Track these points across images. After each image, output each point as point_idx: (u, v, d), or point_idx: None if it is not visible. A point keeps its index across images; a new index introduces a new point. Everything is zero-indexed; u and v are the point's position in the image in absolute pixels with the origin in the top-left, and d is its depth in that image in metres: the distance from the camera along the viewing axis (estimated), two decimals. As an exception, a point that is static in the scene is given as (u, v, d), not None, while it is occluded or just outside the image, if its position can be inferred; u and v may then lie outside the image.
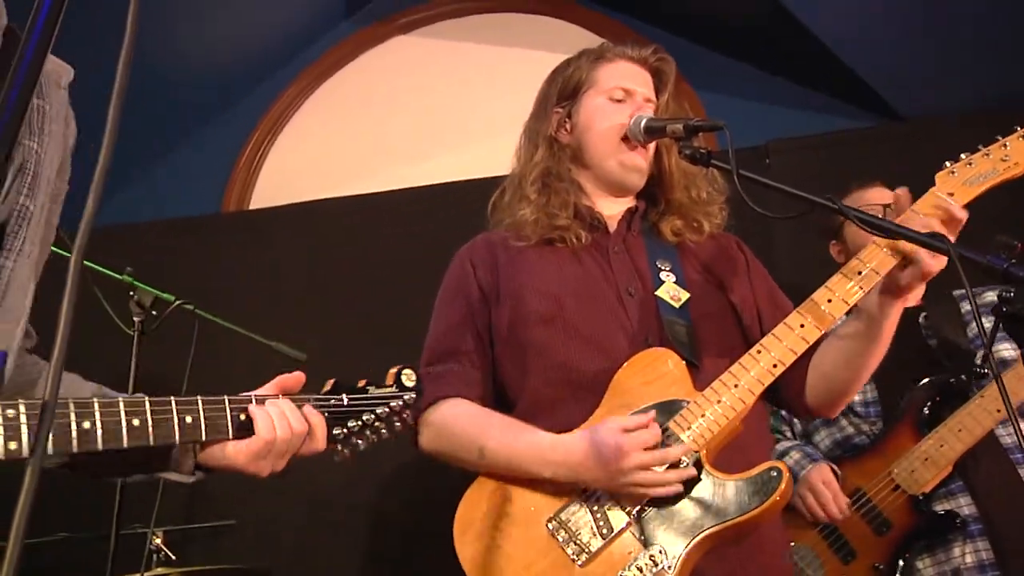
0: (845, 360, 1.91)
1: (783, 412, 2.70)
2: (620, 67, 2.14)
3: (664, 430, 1.79)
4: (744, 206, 1.78)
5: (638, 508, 1.79)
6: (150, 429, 1.29)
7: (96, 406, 1.25)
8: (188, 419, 1.32)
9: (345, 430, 1.49)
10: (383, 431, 1.53)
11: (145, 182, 4.48)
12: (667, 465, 1.77)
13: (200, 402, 1.34)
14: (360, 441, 1.51)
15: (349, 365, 1.52)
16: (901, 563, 2.39)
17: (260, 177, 4.37)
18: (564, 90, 2.17)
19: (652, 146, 2.11)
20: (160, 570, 2.94)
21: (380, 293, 3.79)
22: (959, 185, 1.86)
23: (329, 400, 1.47)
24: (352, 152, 4.28)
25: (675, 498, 1.77)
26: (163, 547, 3.00)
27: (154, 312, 2.93)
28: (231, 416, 1.37)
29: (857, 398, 2.61)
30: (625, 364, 1.89)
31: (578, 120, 2.14)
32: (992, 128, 3.39)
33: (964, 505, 2.39)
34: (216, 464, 1.42)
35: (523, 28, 4.29)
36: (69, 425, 1.22)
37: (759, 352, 1.84)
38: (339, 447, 1.49)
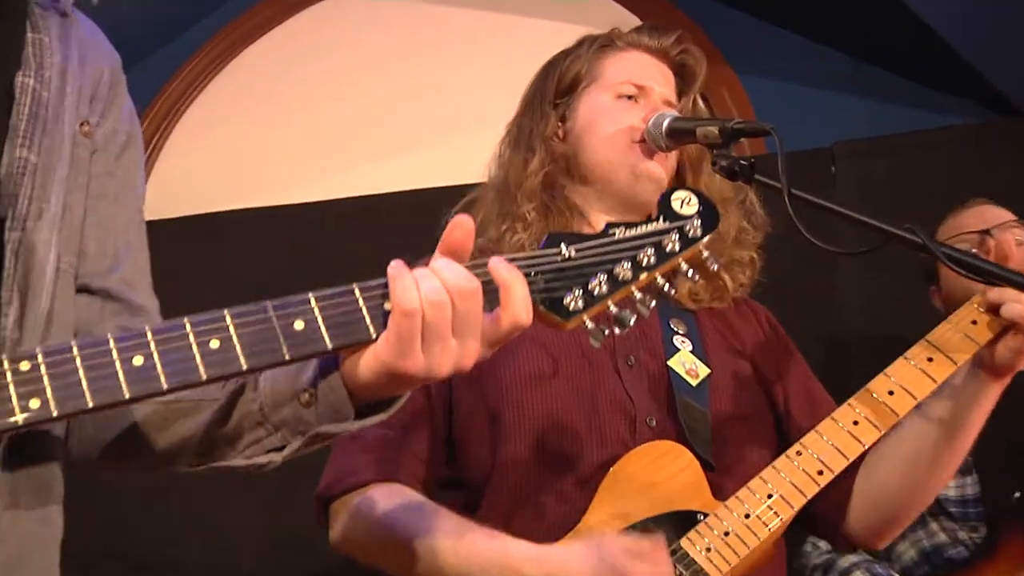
0: (909, 466, 1.74)
1: None
2: (632, 58, 1.99)
3: (674, 551, 1.61)
4: (798, 233, 1.59)
5: None
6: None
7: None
8: (299, 325, 1.01)
9: (582, 293, 1.10)
10: (662, 286, 1.15)
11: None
12: None
13: (312, 298, 1.01)
14: (626, 310, 1.11)
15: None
16: None
17: (150, 183, 3.64)
18: (560, 87, 2.00)
19: (673, 161, 1.94)
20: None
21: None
22: None
23: (534, 256, 1.09)
24: (272, 149, 3.72)
25: None
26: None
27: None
28: (366, 306, 1.01)
29: (952, 493, 2.36)
30: (625, 457, 1.73)
31: (575, 123, 1.95)
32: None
33: None
34: (359, 382, 1.06)
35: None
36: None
37: (799, 454, 1.71)
38: (586, 322, 1.09)
